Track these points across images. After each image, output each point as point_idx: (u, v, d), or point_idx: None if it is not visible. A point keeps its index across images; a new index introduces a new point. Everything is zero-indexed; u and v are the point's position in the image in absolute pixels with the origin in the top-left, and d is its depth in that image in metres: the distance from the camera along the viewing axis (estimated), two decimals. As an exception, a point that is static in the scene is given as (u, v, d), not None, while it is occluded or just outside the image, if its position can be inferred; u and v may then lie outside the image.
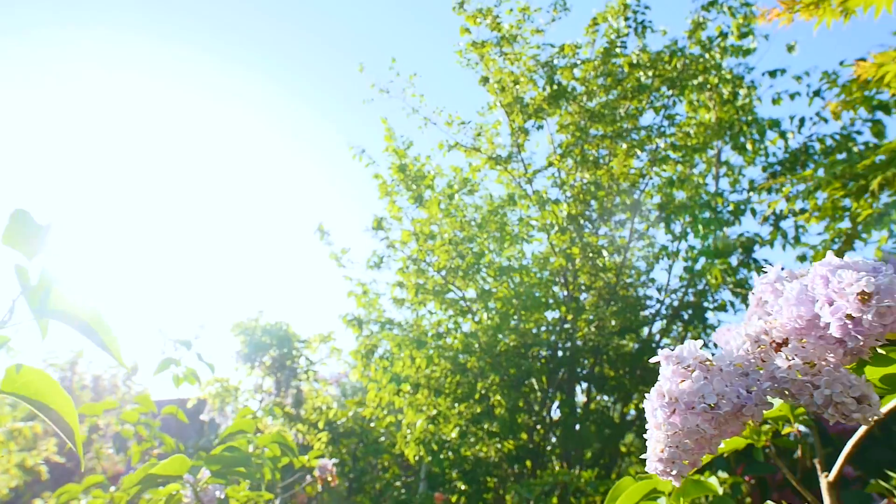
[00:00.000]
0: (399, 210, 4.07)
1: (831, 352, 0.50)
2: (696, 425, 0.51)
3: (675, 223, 4.15)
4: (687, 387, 0.53)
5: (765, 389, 0.52)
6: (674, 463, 0.52)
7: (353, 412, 5.74)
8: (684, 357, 0.55)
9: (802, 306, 0.51)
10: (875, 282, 0.46)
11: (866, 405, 0.48)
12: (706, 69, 4.19)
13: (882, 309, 0.45)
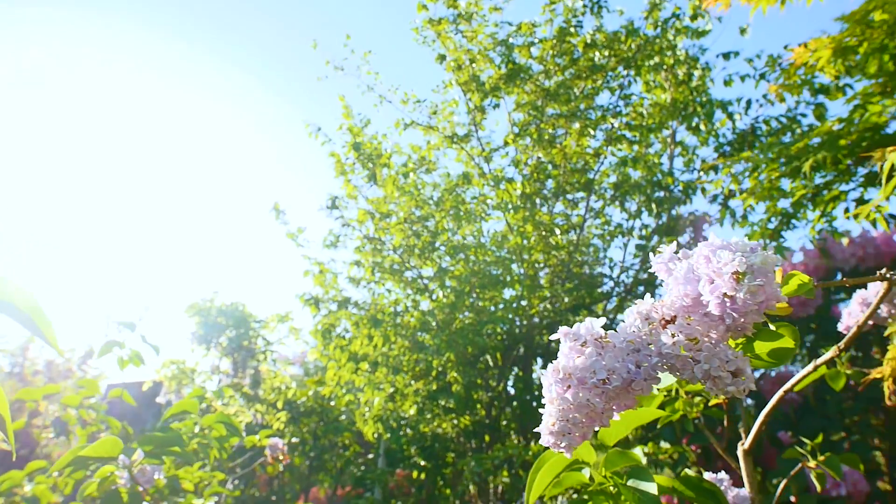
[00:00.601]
0: (354, 189, 4.04)
1: (713, 329, 0.52)
2: (586, 400, 0.54)
3: (630, 202, 4.23)
4: (580, 363, 0.55)
5: (654, 365, 0.54)
6: (564, 435, 0.55)
7: (314, 391, 5.74)
8: (580, 334, 0.57)
9: (689, 285, 0.53)
10: (748, 262, 0.48)
11: (740, 379, 0.51)
12: (662, 50, 4.24)
13: (753, 287, 0.48)
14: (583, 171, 3.74)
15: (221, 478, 2.59)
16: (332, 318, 4.29)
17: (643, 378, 0.53)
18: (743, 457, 1.07)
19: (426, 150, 4.20)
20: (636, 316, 0.56)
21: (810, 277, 0.64)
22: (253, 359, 4.91)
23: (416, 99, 4.12)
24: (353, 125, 4.26)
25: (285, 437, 5.71)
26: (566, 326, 0.58)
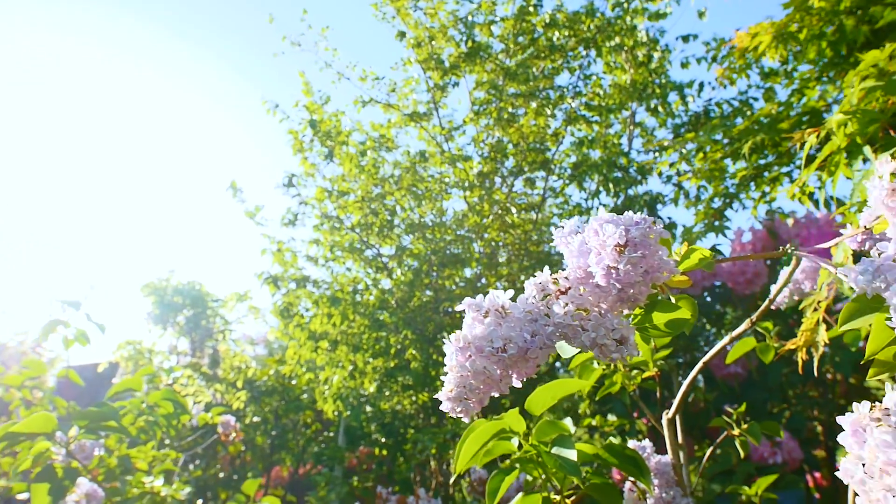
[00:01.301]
0: (312, 167, 4.00)
1: (603, 300, 0.55)
2: (483, 367, 0.56)
3: (590, 182, 4.29)
4: (479, 332, 0.57)
5: (549, 334, 0.57)
6: (461, 401, 0.57)
7: (274, 371, 5.73)
8: (482, 305, 0.59)
9: (581, 258, 0.56)
10: (628, 235, 0.51)
11: (624, 346, 0.54)
12: (622, 31, 4.27)
13: (633, 259, 0.50)
14: (540, 150, 3.77)
15: (174, 456, 2.59)
16: (290, 297, 4.28)
17: (538, 347, 0.56)
18: (666, 425, 1.12)
19: (385, 128, 4.18)
20: (533, 287, 0.58)
21: (711, 252, 0.68)
22: (211, 338, 4.86)
23: (374, 76, 4.09)
24: (313, 102, 4.21)
25: (247, 417, 5.71)
26: (469, 298, 0.61)
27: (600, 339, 0.53)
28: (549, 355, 0.59)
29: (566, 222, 0.61)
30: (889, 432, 0.46)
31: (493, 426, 0.98)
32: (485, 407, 0.68)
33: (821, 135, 1.18)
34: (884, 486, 0.45)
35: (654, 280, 0.54)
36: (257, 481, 1.99)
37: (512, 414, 1.00)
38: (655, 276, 0.53)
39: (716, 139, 2.10)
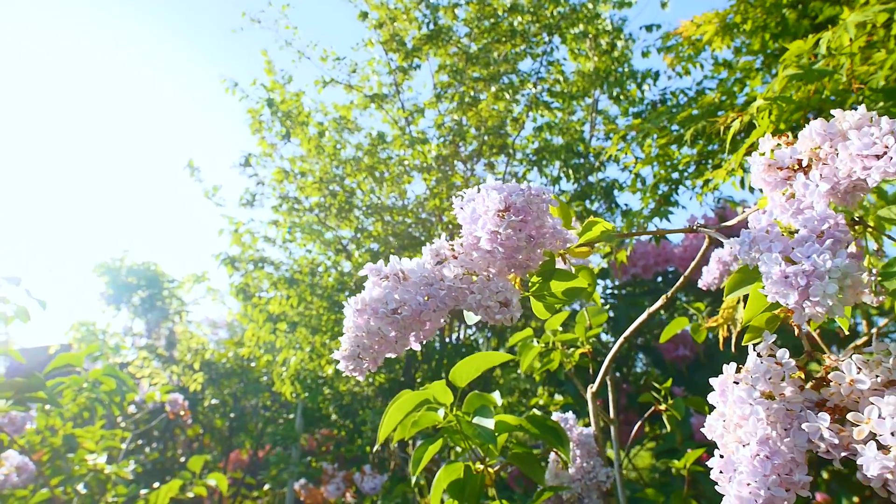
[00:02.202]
0: (271, 147, 3.96)
1: (492, 264, 0.58)
2: (377, 328, 0.58)
3: (551, 167, 4.33)
4: (376, 294, 0.59)
5: (441, 297, 0.59)
6: (354, 359, 0.59)
7: (233, 353, 5.68)
8: (382, 270, 0.61)
9: (472, 224, 0.58)
10: (508, 200, 0.53)
11: (507, 308, 0.56)
12: (587, 18, 4.30)
13: (513, 223, 0.53)
14: (500, 134, 3.80)
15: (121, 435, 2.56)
16: (248, 278, 4.24)
17: (431, 309, 0.58)
18: (590, 398, 1.16)
19: (344, 109, 4.15)
20: (429, 253, 0.60)
21: (613, 225, 0.71)
22: (167, 320, 4.79)
23: (335, 57, 4.05)
24: (276, 81, 4.15)
25: (205, 400, 5.66)
26: (370, 263, 0.62)
27: (484, 300, 0.55)
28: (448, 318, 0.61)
29: (466, 191, 0.63)
30: (745, 389, 0.49)
31: (417, 396, 1.00)
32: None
33: (744, 120, 1.22)
34: (736, 438, 0.49)
35: (539, 245, 0.56)
36: (203, 458, 2.00)
37: (437, 385, 1.02)
38: (541, 241, 0.56)
39: (663, 126, 2.14)
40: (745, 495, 0.45)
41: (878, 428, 0.41)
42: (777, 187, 0.58)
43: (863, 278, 0.50)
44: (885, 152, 0.48)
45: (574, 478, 1.05)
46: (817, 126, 0.53)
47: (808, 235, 0.52)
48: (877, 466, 0.41)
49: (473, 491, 1.00)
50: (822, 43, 1.24)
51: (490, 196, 0.54)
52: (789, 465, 0.45)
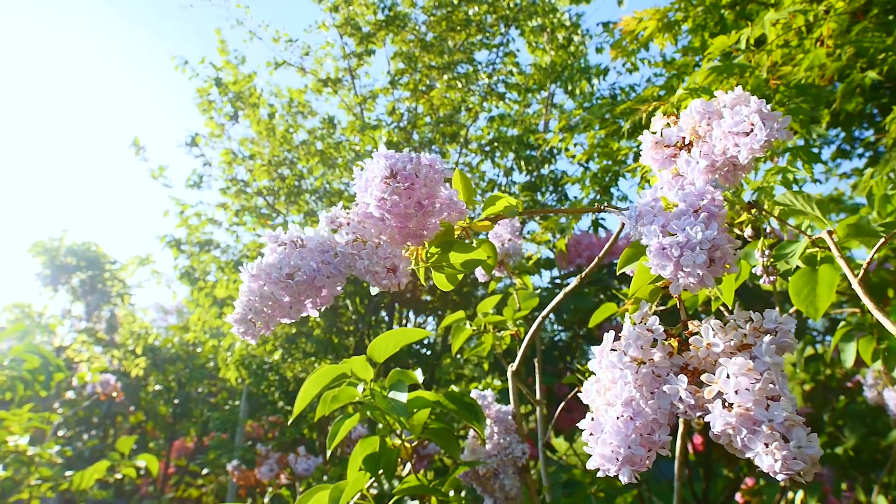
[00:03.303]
0: (219, 127, 3.87)
1: (384, 232, 0.58)
2: (270, 292, 0.58)
3: (506, 158, 4.36)
4: (271, 259, 0.59)
5: (335, 263, 0.59)
6: (246, 323, 0.59)
7: (179, 338, 5.56)
8: (280, 237, 0.61)
9: (364, 192, 0.58)
10: (394, 167, 0.54)
11: (394, 275, 0.57)
12: (544, 12, 4.33)
13: (398, 189, 0.53)
14: (451, 122, 3.80)
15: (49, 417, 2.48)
16: (194, 262, 4.15)
17: (325, 275, 0.59)
18: (511, 377, 1.19)
19: (297, 92, 4.09)
20: (325, 220, 0.61)
21: (518, 200, 0.72)
22: (109, 303, 4.65)
23: (288, 38, 3.98)
24: (229, 61, 4.06)
25: (149, 386, 5.53)
26: (269, 230, 0.62)
27: (372, 266, 0.56)
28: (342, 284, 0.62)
29: (366, 161, 0.64)
30: (616, 354, 0.51)
31: (334, 370, 1.01)
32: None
33: (667, 110, 1.26)
34: (605, 401, 0.51)
35: (431, 214, 0.57)
36: (132, 439, 1.95)
37: (357, 360, 1.03)
38: (432, 210, 0.56)
39: (605, 118, 2.18)
40: (607, 453, 0.47)
41: (725, 387, 0.44)
42: (665, 165, 0.60)
43: (731, 251, 0.52)
44: (751, 129, 0.51)
45: (490, 453, 1.07)
46: (697, 105, 0.56)
47: (686, 209, 0.54)
48: (721, 423, 0.43)
49: (389, 464, 1.01)
50: (742, 39, 1.28)
51: (378, 163, 0.55)
52: (651, 426, 0.47)
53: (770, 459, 0.41)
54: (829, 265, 0.85)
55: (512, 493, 1.07)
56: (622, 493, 1.71)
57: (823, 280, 0.85)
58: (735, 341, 0.47)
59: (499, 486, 1.07)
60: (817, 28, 1.43)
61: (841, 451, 1.91)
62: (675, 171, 0.60)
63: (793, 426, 0.41)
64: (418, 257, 0.68)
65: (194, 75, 4.08)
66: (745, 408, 0.42)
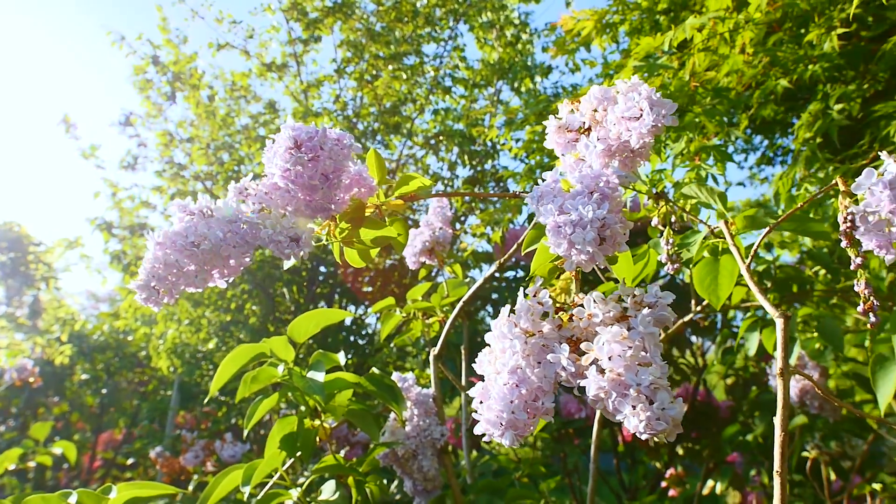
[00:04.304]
0: (156, 107, 3.75)
1: (290, 203, 0.59)
2: (175, 260, 0.58)
3: (450, 153, 4.38)
4: (177, 227, 0.59)
5: (242, 233, 0.59)
6: (148, 289, 0.58)
7: (108, 325, 5.35)
8: (188, 206, 0.61)
9: (270, 163, 0.59)
10: (299, 138, 0.54)
11: (297, 244, 0.57)
12: (494, 8, 4.37)
13: (301, 160, 0.54)
14: (395, 113, 3.80)
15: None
16: (126, 246, 4.01)
17: (231, 245, 0.59)
18: (433, 361, 1.21)
19: (241, 76, 4.00)
20: (233, 190, 0.61)
21: (431, 181, 0.74)
22: (32, 287, 4.44)
23: (232, 19, 3.89)
24: (170, 40, 3.93)
25: (75, 375, 5.30)
26: (178, 199, 0.62)
27: (275, 235, 0.56)
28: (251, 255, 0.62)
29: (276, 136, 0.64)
30: (506, 325, 0.53)
31: (253, 348, 1.00)
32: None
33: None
34: (495, 369, 0.53)
35: (337, 187, 0.58)
36: (48, 425, 1.88)
37: (277, 340, 1.02)
38: (338, 183, 0.57)
39: (541, 113, 2.23)
40: (492, 418, 0.49)
41: (600, 353, 0.46)
42: (567, 148, 0.63)
43: (620, 230, 0.55)
44: (640, 115, 0.54)
45: (409, 435, 1.09)
46: (595, 91, 0.58)
47: (582, 190, 0.56)
48: (594, 387, 0.46)
49: (306, 444, 1.01)
50: (666, 42, 1.34)
51: (283, 134, 0.55)
52: (535, 393, 0.50)
53: (636, 420, 0.44)
54: (730, 255, 0.90)
55: (430, 474, 1.09)
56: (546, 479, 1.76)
57: (725, 269, 0.90)
58: (614, 312, 0.50)
59: (417, 468, 1.09)
60: (738, 37, 1.50)
61: (751, 439, 2.02)
62: (576, 156, 0.63)
63: (658, 390, 0.44)
64: (331, 232, 0.69)
65: (131, 52, 3.93)
66: (617, 373, 0.45)
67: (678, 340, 2.90)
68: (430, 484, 1.12)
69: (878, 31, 1.45)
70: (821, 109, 1.40)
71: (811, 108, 1.43)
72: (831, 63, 1.38)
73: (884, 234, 0.66)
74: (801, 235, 1.26)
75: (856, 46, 1.48)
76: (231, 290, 3.51)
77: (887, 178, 0.63)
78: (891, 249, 0.66)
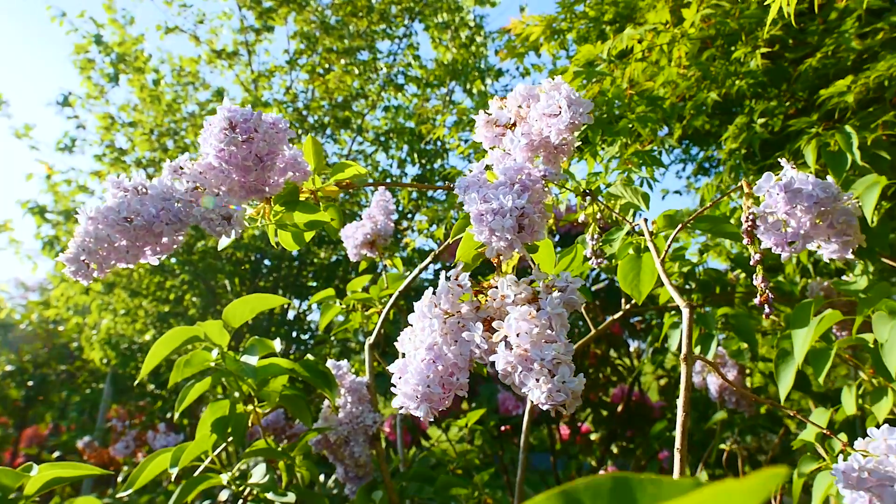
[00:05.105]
0: (98, 88, 3.63)
1: (224, 183, 0.60)
2: (106, 234, 0.58)
3: (400, 150, 4.40)
4: (110, 203, 0.59)
5: (175, 211, 0.60)
6: (77, 262, 0.59)
7: (38, 314, 5.14)
8: (123, 182, 0.61)
9: (205, 143, 0.60)
10: (234, 119, 0.56)
11: (229, 223, 0.59)
12: (450, 9, 4.41)
13: (235, 140, 0.56)
14: (345, 107, 3.79)
15: None
16: (60, 231, 3.86)
17: (164, 222, 0.59)
18: (367, 350, 1.23)
19: (190, 62, 3.91)
20: (168, 169, 0.61)
21: (366, 170, 0.76)
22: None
23: (182, 2, 3.80)
24: (116, 20, 3.80)
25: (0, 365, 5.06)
26: (113, 175, 0.62)
27: (207, 213, 0.58)
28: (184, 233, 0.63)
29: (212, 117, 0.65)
30: (427, 305, 0.56)
31: (185, 331, 1.00)
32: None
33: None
34: (413, 346, 0.56)
35: (271, 169, 0.59)
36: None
37: (211, 324, 1.02)
38: (272, 165, 0.59)
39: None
40: (409, 391, 0.52)
41: (509, 331, 0.50)
42: (494, 142, 0.66)
43: (538, 219, 0.59)
44: (559, 112, 0.57)
45: (342, 421, 1.11)
46: (521, 89, 0.62)
47: (504, 181, 0.60)
48: (503, 361, 0.49)
49: (238, 429, 1.01)
50: (605, 50, 1.40)
51: (219, 115, 0.57)
52: (451, 369, 0.53)
53: (538, 392, 0.47)
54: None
55: (361, 461, 1.11)
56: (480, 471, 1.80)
57: (647, 266, 0.95)
58: (526, 294, 0.53)
59: (349, 454, 1.11)
60: (675, 50, 1.58)
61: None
62: (503, 149, 0.67)
63: (560, 364, 0.47)
64: (265, 215, 0.70)
65: (73, 30, 3.79)
66: (524, 349, 0.48)
67: (615, 342, 3.00)
68: (361, 470, 1.14)
69: (800, 54, 1.55)
70: (746, 122, 1.49)
71: (737, 122, 1.51)
72: (756, 80, 1.47)
73: (780, 234, 0.72)
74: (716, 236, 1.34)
75: (779, 66, 1.58)
76: (171, 281, 3.43)
77: (783, 181, 0.69)
78: (786, 247, 0.72)
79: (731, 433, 1.93)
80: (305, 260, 3.64)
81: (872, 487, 0.64)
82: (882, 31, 1.33)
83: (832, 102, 1.26)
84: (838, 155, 1.03)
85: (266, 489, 1.01)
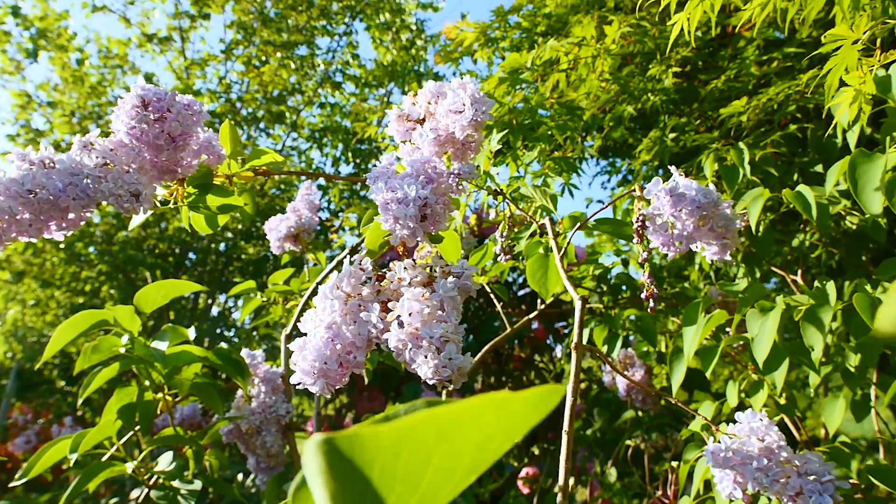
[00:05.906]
0: (14, 63, 3.44)
1: (134, 161, 0.61)
2: (8, 206, 0.58)
3: (335, 149, 4.37)
4: (14, 175, 0.59)
5: (83, 186, 0.60)
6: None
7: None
8: (29, 155, 0.60)
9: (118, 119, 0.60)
10: (147, 98, 0.57)
11: (138, 200, 0.60)
12: (392, 10, 4.43)
13: (147, 119, 0.56)
14: (280, 102, 3.75)
15: None
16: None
17: (71, 197, 0.59)
18: (283, 341, 1.23)
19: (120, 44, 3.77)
20: (77, 143, 0.61)
21: (283, 159, 0.78)
22: None
23: (111, -17, 3.65)
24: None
25: None
26: (18, 150, 0.61)
27: (115, 189, 0.58)
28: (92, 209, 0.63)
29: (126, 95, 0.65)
30: (329, 287, 0.59)
31: (93, 315, 0.98)
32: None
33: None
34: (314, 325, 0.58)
35: (184, 150, 0.60)
36: None
37: (122, 309, 1.01)
38: (185, 146, 0.60)
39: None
40: (306, 368, 0.54)
41: (401, 310, 0.53)
42: (405, 136, 0.70)
43: (441, 210, 0.62)
44: (463, 109, 0.61)
45: (255, 411, 1.11)
46: (430, 86, 0.66)
47: (410, 172, 0.63)
48: (395, 339, 0.53)
49: (146, 416, 1.00)
50: (529, 59, 1.46)
51: (132, 92, 0.57)
52: (349, 347, 0.55)
53: (426, 368, 0.51)
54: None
55: (273, 451, 1.12)
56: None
57: (554, 265, 1.01)
58: (421, 277, 0.57)
59: (261, 444, 1.11)
60: (598, 63, 1.66)
61: (590, 433, 2.21)
62: (413, 144, 0.70)
63: (447, 342, 0.51)
64: (178, 196, 0.71)
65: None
66: (415, 327, 0.52)
67: (539, 347, 3.09)
68: (272, 461, 1.15)
69: (711, 76, 1.66)
70: (658, 136, 1.59)
71: (651, 135, 1.61)
72: (668, 97, 1.57)
73: (667, 234, 0.78)
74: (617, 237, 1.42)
75: (691, 86, 1.69)
76: (87, 271, 3.29)
77: (669, 185, 0.76)
78: (672, 247, 0.79)
79: (640, 431, 2.04)
80: (232, 255, 3.57)
81: (736, 465, 0.71)
82: (776, 59, 1.45)
83: (731, 122, 1.37)
84: (732, 169, 1.12)
85: (172, 477, 1.00)
